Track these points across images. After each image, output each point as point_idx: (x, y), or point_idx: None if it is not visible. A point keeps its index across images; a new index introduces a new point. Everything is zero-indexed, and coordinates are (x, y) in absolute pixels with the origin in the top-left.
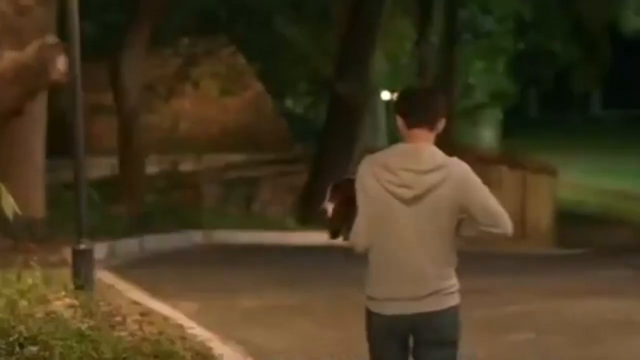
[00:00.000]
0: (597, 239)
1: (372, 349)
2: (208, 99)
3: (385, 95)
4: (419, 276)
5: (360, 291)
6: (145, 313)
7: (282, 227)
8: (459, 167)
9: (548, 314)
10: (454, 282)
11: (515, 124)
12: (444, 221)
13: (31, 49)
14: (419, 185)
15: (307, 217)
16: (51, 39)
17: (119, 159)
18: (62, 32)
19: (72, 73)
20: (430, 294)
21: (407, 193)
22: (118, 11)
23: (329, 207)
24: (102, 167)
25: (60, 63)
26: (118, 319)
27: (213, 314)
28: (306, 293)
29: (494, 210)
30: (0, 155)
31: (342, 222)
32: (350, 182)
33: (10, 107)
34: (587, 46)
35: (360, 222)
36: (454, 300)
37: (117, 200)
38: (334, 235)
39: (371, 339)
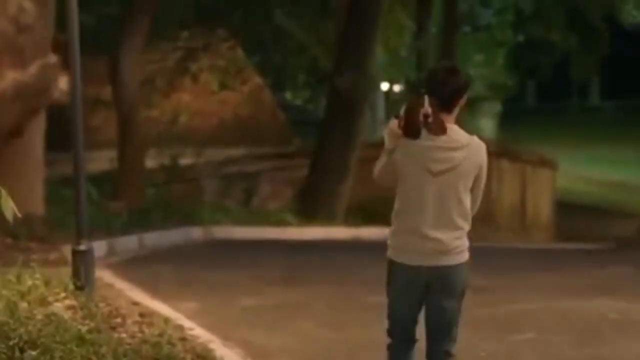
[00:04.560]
0: (598, 231)
1: (389, 296)
2: (207, 93)
3: (384, 86)
4: (438, 235)
5: (362, 290)
6: (145, 314)
7: (281, 222)
8: (480, 147)
9: (550, 313)
10: (465, 242)
11: (513, 114)
12: (462, 190)
13: (33, 69)
14: (447, 161)
15: (307, 211)
16: (52, 58)
17: (118, 153)
18: (62, 26)
19: (73, 70)
20: (446, 252)
21: (436, 167)
22: (117, 4)
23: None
24: (101, 160)
25: (62, 82)
26: (118, 320)
27: (213, 313)
28: (306, 291)
29: (480, 195)
30: (0, 152)
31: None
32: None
33: (10, 126)
34: (586, 35)
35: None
36: (465, 257)
37: (116, 195)
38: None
39: (391, 289)
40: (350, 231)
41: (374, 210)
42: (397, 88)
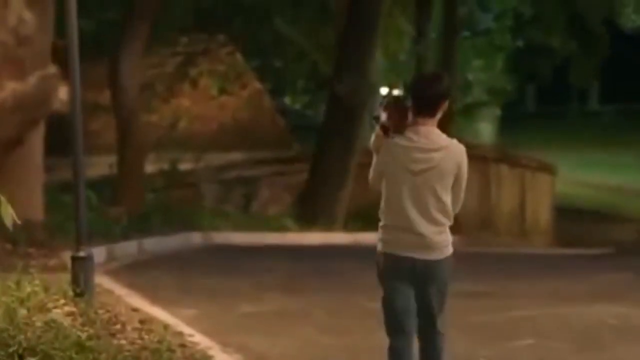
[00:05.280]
0: (598, 235)
1: (383, 286)
2: (207, 98)
3: (384, 90)
4: (420, 230)
5: (362, 295)
6: (145, 320)
7: (281, 227)
8: (459, 149)
9: (549, 318)
10: (448, 237)
11: (513, 119)
12: (441, 189)
13: (32, 80)
14: (426, 161)
15: (307, 216)
16: (52, 69)
17: (118, 158)
18: (61, 30)
19: (72, 75)
20: (431, 246)
21: (416, 166)
22: (116, 9)
23: (383, 115)
24: (100, 166)
25: (62, 93)
26: (117, 326)
27: (212, 320)
28: (306, 297)
29: (461, 194)
30: (0, 159)
31: (393, 126)
32: (402, 101)
33: (10, 136)
34: (585, 39)
35: (379, 177)
36: (448, 251)
37: (116, 201)
38: (385, 132)
39: (382, 275)
40: (350, 236)
41: (374, 215)
42: (396, 92)
